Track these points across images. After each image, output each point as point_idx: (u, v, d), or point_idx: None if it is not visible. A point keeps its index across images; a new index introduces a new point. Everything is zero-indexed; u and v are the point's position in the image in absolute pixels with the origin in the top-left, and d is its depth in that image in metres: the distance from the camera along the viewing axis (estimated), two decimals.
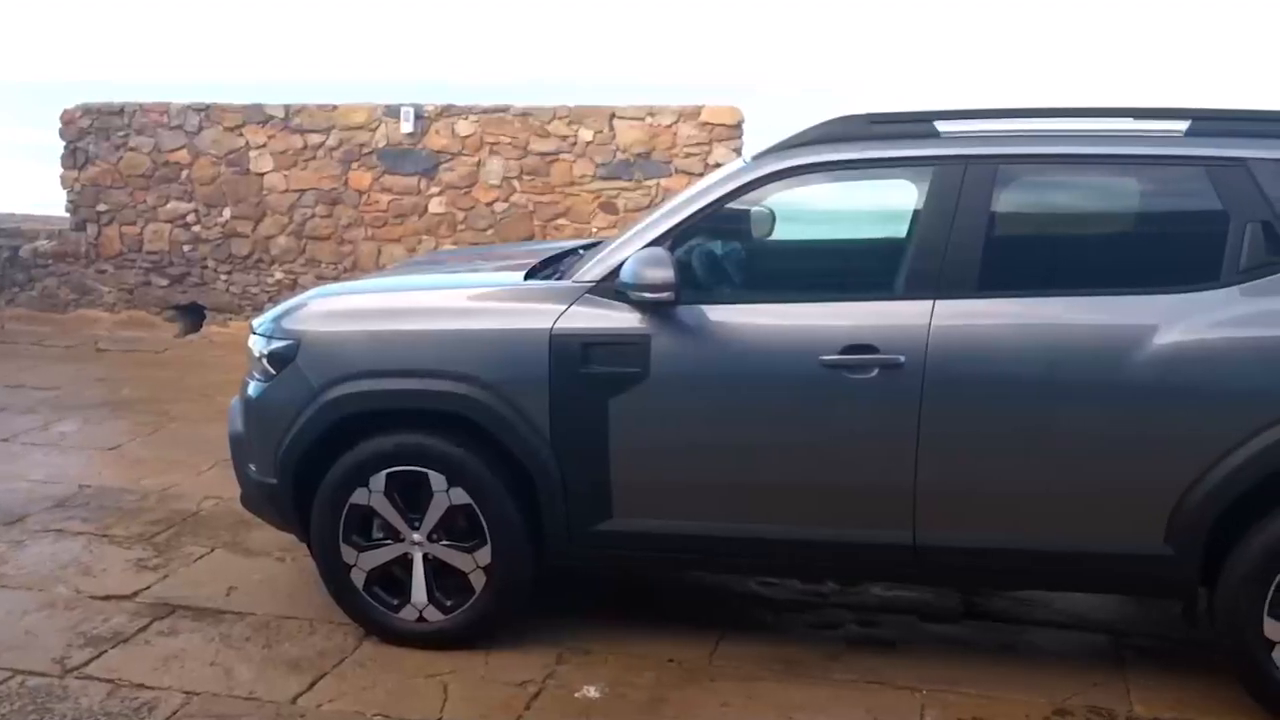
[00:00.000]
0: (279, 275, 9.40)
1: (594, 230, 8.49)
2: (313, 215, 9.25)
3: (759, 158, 4.07)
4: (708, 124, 8.49)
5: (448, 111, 8.95)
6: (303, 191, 9.25)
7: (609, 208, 8.65)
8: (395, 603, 4.18)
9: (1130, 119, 3.98)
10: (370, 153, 9.08)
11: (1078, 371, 3.64)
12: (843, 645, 4.25)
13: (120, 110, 9.53)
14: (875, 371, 3.73)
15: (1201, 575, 3.69)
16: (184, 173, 9.44)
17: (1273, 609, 3.57)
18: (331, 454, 4.13)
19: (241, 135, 9.31)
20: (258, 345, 4.33)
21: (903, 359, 3.71)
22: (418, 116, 8.95)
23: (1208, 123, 3.80)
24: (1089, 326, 3.67)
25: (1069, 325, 3.68)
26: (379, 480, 4.09)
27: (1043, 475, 3.70)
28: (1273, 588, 3.55)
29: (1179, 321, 3.58)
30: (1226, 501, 3.57)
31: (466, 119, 8.89)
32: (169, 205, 9.53)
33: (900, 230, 4.30)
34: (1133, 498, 3.65)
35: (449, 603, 4.14)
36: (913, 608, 4.55)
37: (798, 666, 4.06)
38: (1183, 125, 3.82)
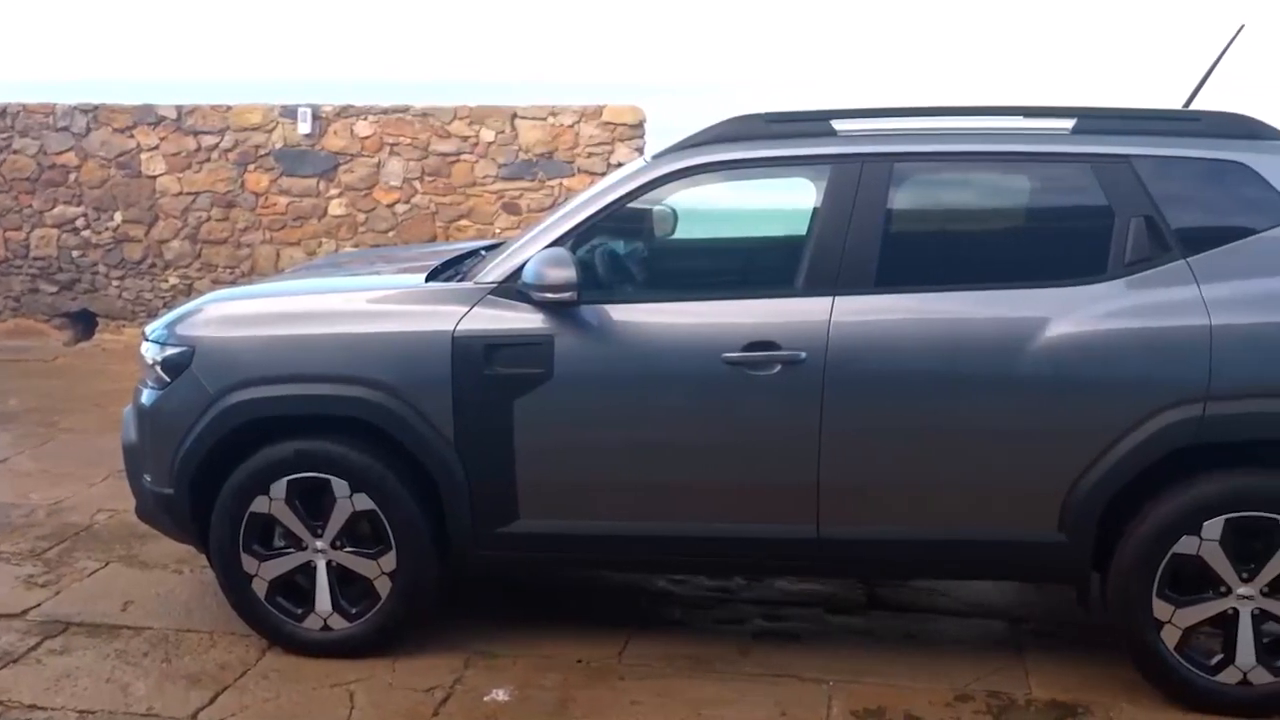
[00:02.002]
0: (174, 280, 9.19)
1: (497, 231, 8.45)
2: (208, 218, 9.06)
3: (658, 157, 4.09)
4: (609, 124, 8.50)
5: (346, 112, 8.83)
6: (197, 194, 9.05)
7: (512, 208, 8.61)
8: (299, 612, 4.12)
9: (1020, 117, 4.08)
10: (266, 154, 8.91)
11: (973, 364, 3.72)
12: (750, 640, 4.29)
13: (2, 111, 9.22)
14: (777, 368, 3.77)
15: (1094, 560, 3.80)
16: (72, 176, 9.18)
17: (1160, 590, 3.69)
18: (230, 462, 4.05)
19: (132, 137, 9.07)
20: (151, 352, 4.23)
21: (804, 355, 3.75)
22: (315, 117, 8.82)
23: (1093, 120, 3.92)
24: (983, 320, 3.75)
25: (964, 319, 3.76)
26: (279, 487, 4.02)
27: (941, 467, 3.77)
28: (1160, 570, 3.67)
29: (1068, 314, 3.68)
30: (1115, 488, 3.68)
31: (365, 119, 8.78)
32: (56, 209, 9.25)
33: (800, 228, 4.35)
34: (1027, 487, 3.75)
35: (354, 610, 4.09)
36: (818, 600, 4.61)
37: (707, 662, 4.09)
38: (1069, 123, 3.92)
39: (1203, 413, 3.58)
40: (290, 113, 8.85)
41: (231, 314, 4.25)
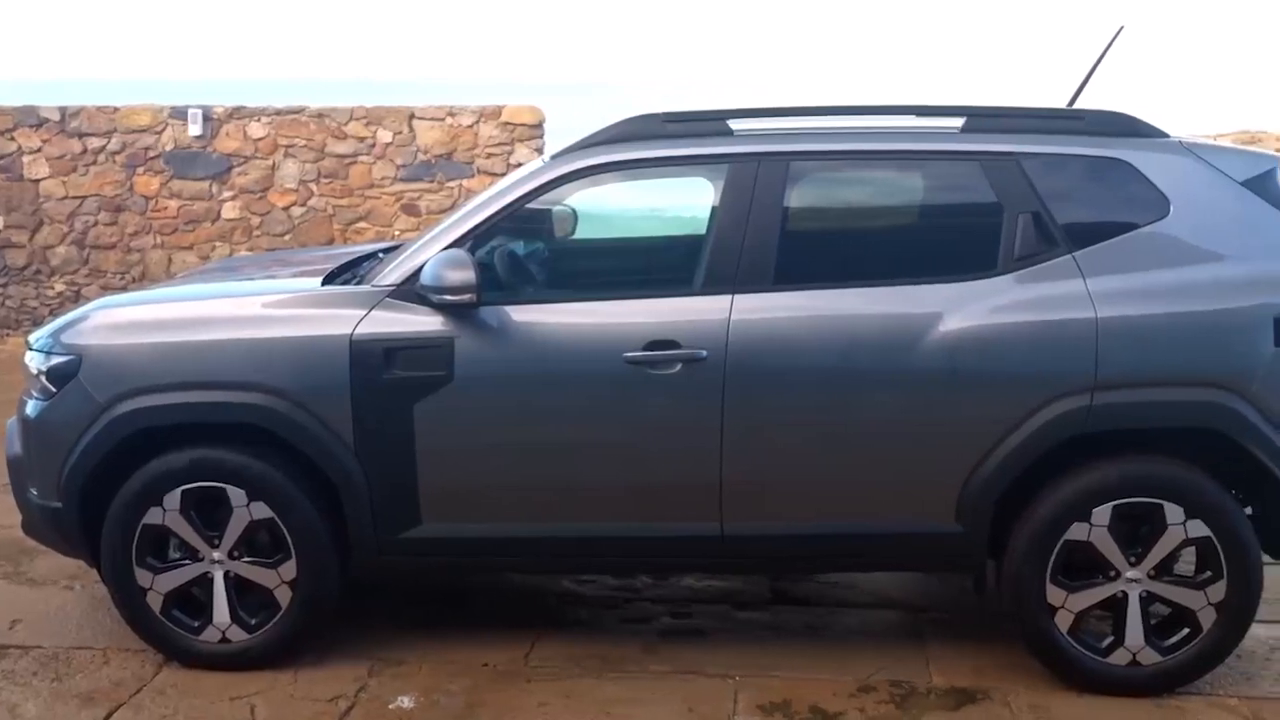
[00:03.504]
0: (60, 287, 8.92)
1: (396, 233, 8.37)
2: (95, 223, 8.81)
3: (557, 158, 4.08)
4: (509, 124, 8.48)
5: (239, 113, 8.66)
6: (84, 198, 8.80)
7: (411, 210, 8.53)
8: (196, 624, 4.03)
9: (912, 116, 4.16)
10: (156, 156, 8.70)
11: (869, 360, 3.78)
12: (657, 638, 4.30)
13: None
14: (678, 367, 3.79)
15: (990, 549, 3.89)
16: None
17: (1053, 577, 3.80)
18: (120, 473, 3.94)
19: (13, 139, 8.78)
20: (35, 361, 4.10)
21: (704, 353, 3.78)
22: (206, 118, 8.64)
23: (981, 119, 4.00)
24: (878, 316, 3.81)
25: (860, 316, 3.82)
26: (173, 498, 3.93)
27: (841, 462, 3.83)
28: (1052, 557, 3.78)
29: (960, 309, 3.76)
30: (1010, 478, 3.77)
31: (259, 120, 8.62)
32: None
33: (699, 227, 4.38)
34: (924, 480, 3.82)
35: (253, 621, 4.01)
36: (723, 596, 4.64)
37: (614, 662, 4.10)
38: (959, 122, 4.01)
39: (1090, 402, 3.69)
40: (180, 114, 8.66)
41: (121, 320, 4.13)
